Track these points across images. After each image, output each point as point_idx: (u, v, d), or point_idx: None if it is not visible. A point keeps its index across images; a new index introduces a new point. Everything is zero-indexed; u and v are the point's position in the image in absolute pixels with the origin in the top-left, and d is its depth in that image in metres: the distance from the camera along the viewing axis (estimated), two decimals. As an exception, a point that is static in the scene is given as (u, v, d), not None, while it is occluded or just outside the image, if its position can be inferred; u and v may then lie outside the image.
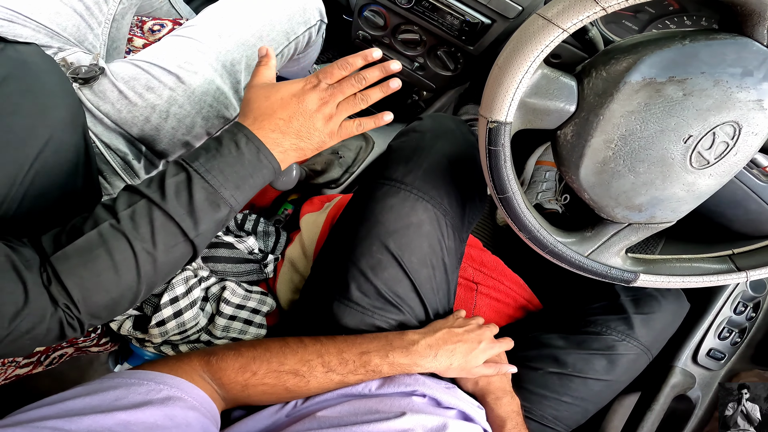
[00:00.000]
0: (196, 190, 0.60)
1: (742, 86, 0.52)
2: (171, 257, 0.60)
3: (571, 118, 0.57)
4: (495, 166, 0.59)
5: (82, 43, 0.87)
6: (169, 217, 0.58)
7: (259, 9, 0.91)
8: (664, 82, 0.52)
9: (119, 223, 0.56)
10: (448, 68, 1.08)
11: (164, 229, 0.58)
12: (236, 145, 0.63)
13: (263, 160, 0.65)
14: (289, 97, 0.67)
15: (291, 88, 0.68)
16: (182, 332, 0.81)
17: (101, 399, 0.49)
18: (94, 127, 0.80)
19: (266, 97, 0.67)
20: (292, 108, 0.67)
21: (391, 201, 0.76)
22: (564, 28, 0.49)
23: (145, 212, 0.57)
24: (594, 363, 0.86)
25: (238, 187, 0.63)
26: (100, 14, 0.90)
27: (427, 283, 0.78)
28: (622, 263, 0.70)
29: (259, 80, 0.71)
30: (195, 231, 0.60)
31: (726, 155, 0.56)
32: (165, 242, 0.58)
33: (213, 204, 0.61)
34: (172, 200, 0.58)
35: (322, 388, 0.68)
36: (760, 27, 0.50)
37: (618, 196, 0.61)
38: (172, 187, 0.59)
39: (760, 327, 1.04)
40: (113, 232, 0.56)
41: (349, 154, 1.23)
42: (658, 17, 0.90)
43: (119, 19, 0.95)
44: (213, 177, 0.61)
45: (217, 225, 0.64)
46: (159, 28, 1.11)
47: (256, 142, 0.64)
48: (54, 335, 0.54)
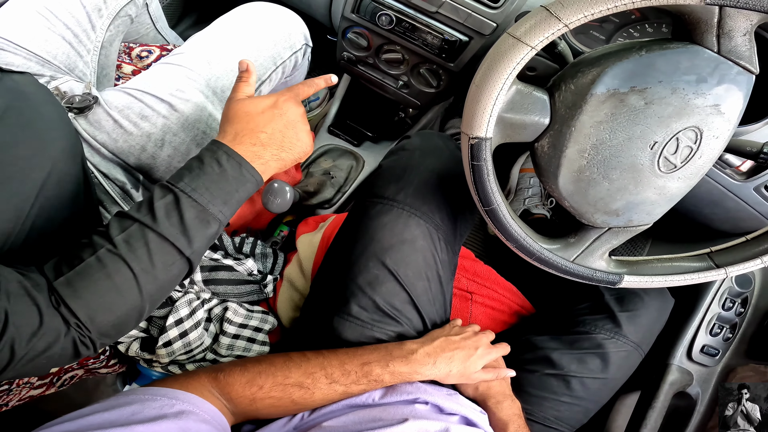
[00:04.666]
0: (185, 210, 0.63)
1: (698, 93, 0.57)
2: (170, 275, 0.64)
3: (546, 131, 0.62)
4: (479, 180, 0.63)
5: (72, 71, 0.91)
6: (163, 238, 0.61)
7: (245, 35, 0.97)
8: (626, 93, 0.57)
9: (116, 248, 0.59)
10: (431, 85, 1.12)
11: (160, 249, 0.61)
12: (218, 163, 0.66)
13: (246, 174, 0.68)
14: (269, 110, 0.72)
15: (268, 101, 0.73)
16: (188, 352, 0.85)
17: (119, 414, 0.53)
18: (92, 157, 0.83)
19: (247, 113, 0.71)
20: (274, 120, 0.71)
21: (385, 218, 0.81)
22: (532, 45, 0.53)
23: (140, 235, 0.61)
24: (588, 362, 0.90)
25: (226, 203, 0.67)
26: (89, 41, 0.94)
27: (424, 295, 0.83)
28: (607, 266, 0.74)
29: (239, 95, 0.74)
30: (190, 248, 0.64)
31: (691, 159, 0.61)
32: (163, 261, 0.62)
33: (203, 221, 0.64)
34: (164, 222, 0.62)
35: (327, 400, 0.72)
36: (709, 34, 0.54)
37: (596, 203, 0.65)
38: (162, 209, 0.62)
39: (751, 322, 1.07)
40: (111, 257, 0.59)
41: (340, 174, 1.28)
42: (622, 26, 0.95)
43: (107, 46, 0.99)
44: (200, 195, 0.64)
45: (209, 240, 0.67)
46: (147, 54, 1.15)
47: (236, 157, 0.67)
48: (69, 354, 0.59)
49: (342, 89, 1.42)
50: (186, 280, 0.85)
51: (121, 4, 0.97)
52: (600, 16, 0.51)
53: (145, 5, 1.09)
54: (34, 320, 0.54)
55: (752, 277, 1.08)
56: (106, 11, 0.95)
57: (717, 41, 0.54)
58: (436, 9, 0.96)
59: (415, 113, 1.32)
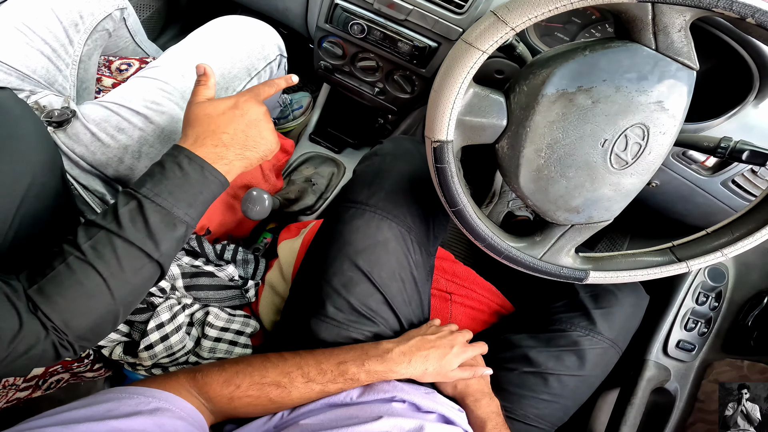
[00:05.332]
0: (149, 215, 0.64)
1: (641, 90, 0.59)
2: (141, 278, 0.65)
3: (504, 132, 0.64)
4: (444, 182, 0.66)
5: (52, 85, 0.93)
6: (130, 243, 0.63)
7: (219, 48, 0.99)
8: (574, 92, 0.60)
9: (84, 255, 0.61)
10: (406, 91, 1.15)
11: (128, 254, 0.63)
12: (179, 167, 0.67)
13: (208, 176, 0.69)
14: (230, 110, 0.73)
15: (229, 102, 0.74)
16: (171, 355, 0.87)
17: (95, 410, 0.55)
18: (71, 170, 0.85)
19: (207, 116, 0.72)
20: (235, 119, 0.73)
21: (358, 222, 0.83)
22: (483, 50, 0.56)
23: (107, 242, 0.62)
24: (564, 359, 0.91)
25: (191, 205, 0.68)
26: (67, 56, 0.96)
27: (399, 296, 0.85)
28: (573, 262, 0.76)
29: (197, 99, 0.75)
30: (158, 252, 0.65)
31: (641, 155, 0.63)
32: (132, 266, 0.63)
33: (169, 224, 0.66)
34: (130, 227, 0.63)
35: (305, 398, 0.74)
36: (646, 32, 0.56)
37: (556, 201, 0.67)
38: (127, 216, 0.64)
39: (726, 316, 1.09)
40: (80, 263, 0.61)
41: (321, 180, 1.31)
42: (584, 26, 0.98)
43: (86, 60, 1.01)
44: (163, 200, 0.65)
45: (178, 242, 0.68)
46: (126, 67, 1.17)
47: (198, 160, 0.69)
48: (50, 356, 0.61)
49: (322, 98, 1.45)
50: (167, 286, 0.88)
51: (98, 19, 0.99)
52: (543, 17, 0.53)
53: (123, 20, 1.11)
54: (14, 324, 0.57)
55: (725, 271, 1.10)
56: (83, 26, 0.97)
57: (654, 38, 0.56)
58: (405, 17, 0.99)
59: (394, 119, 1.35)
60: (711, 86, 0.90)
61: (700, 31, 0.84)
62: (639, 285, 1.00)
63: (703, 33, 0.84)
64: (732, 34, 0.82)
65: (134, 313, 0.86)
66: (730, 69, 0.86)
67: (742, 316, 1.06)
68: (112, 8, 1.03)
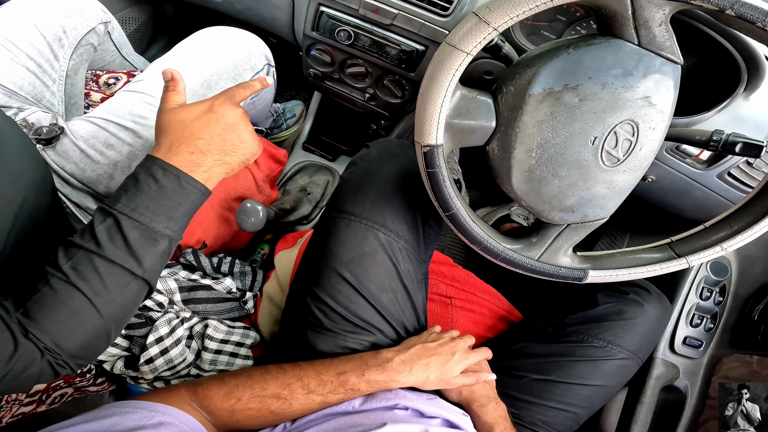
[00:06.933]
0: (128, 231, 0.63)
1: (627, 86, 0.59)
2: (128, 295, 0.65)
3: (494, 134, 0.65)
4: (436, 186, 0.66)
5: (40, 101, 0.94)
6: (111, 261, 0.62)
7: (205, 59, 0.99)
8: (561, 91, 0.60)
9: (66, 276, 0.61)
10: (397, 96, 1.16)
11: (110, 272, 0.62)
12: (154, 179, 0.65)
13: (186, 186, 0.67)
14: (204, 115, 0.70)
15: (202, 107, 0.71)
16: (172, 368, 0.88)
17: (99, 425, 0.56)
18: (62, 187, 0.86)
19: (180, 122, 0.70)
20: (211, 124, 0.70)
21: (344, 233, 0.82)
22: (467, 51, 0.56)
23: (87, 261, 0.61)
24: (577, 369, 0.91)
25: (171, 218, 0.66)
26: (53, 71, 0.97)
27: (391, 306, 0.84)
28: (571, 262, 0.76)
29: (168, 106, 0.73)
30: (141, 268, 0.64)
31: (632, 151, 0.63)
32: (116, 284, 0.63)
33: (150, 240, 0.64)
34: (109, 246, 0.62)
35: (306, 409, 0.74)
36: (627, 27, 0.56)
37: (550, 200, 0.68)
38: (104, 234, 0.62)
39: (732, 311, 1.10)
40: (62, 284, 0.60)
41: (317, 189, 1.31)
42: (570, 24, 0.98)
43: (72, 74, 1.02)
44: (140, 215, 0.64)
45: (162, 256, 0.67)
46: (114, 81, 1.18)
47: (173, 171, 0.66)
48: (48, 374, 0.62)
49: (314, 106, 1.46)
50: (165, 300, 0.88)
51: (81, 34, 1.01)
52: (524, 16, 0.54)
53: (107, 33, 1.12)
54: (10, 345, 0.57)
55: (728, 265, 1.10)
56: (66, 41, 0.98)
57: (636, 33, 0.57)
58: (391, 21, 1.00)
59: (387, 124, 1.35)
60: (700, 80, 0.91)
61: (685, 26, 0.85)
62: (663, 295, 0.99)
63: (687, 27, 0.85)
64: (716, 27, 0.83)
65: (133, 328, 0.87)
66: (718, 62, 0.87)
67: (747, 310, 1.06)
68: (96, 22, 1.04)
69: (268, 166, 1.12)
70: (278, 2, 1.15)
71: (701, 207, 1.02)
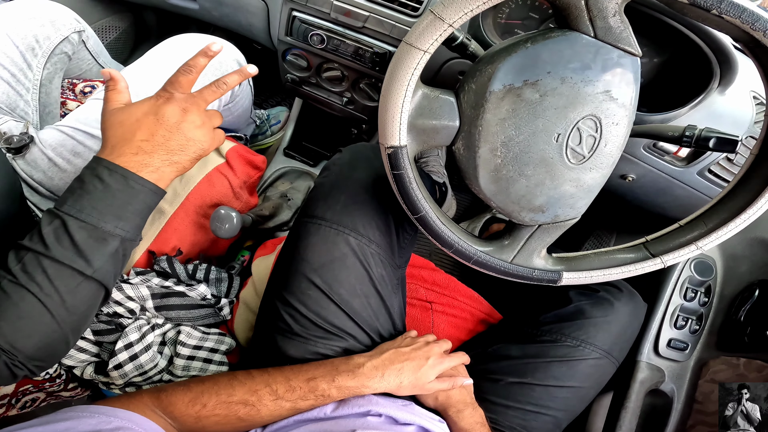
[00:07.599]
0: (74, 232, 0.63)
1: (586, 80, 0.58)
2: (80, 297, 0.65)
3: (458, 133, 0.63)
4: (402, 189, 0.65)
5: (14, 111, 0.94)
6: (59, 262, 0.62)
7: (174, 65, 0.96)
8: (521, 87, 0.59)
9: (15, 278, 0.61)
10: (374, 99, 1.16)
11: (59, 273, 0.62)
12: (99, 179, 0.65)
13: (134, 185, 0.67)
14: (144, 117, 0.69)
15: (143, 107, 0.70)
16: (143, 374, 0.88)
17: (53, 428, 0.55)
18: (31, 196, 0.86)
19: (120, 123, 0.69)
20: (151, 126, 0.69)
21: (314, 239, 0.82)
22: (424, 49, 0.56)
23: (35, 263, 0.62)
24: (552, 370, 0.90)
25: (120, 218, 0.66)
26: (26, 80, 0.97)
27: (363, 311, 0.84)
28: (545, 264, 0.75)
29: (111, 106, 0.72)
30: (91, 268, 0.64)
31: (597, 148, 0.62)
32: (66, 285, 0.63)
33: (99, 239, 0.65)
34: (56, 247, 0.62)
35: (275, 416, 0.73)
36: (582, 18, 0.55)
37: (519, 201, 0.66)
38: (51, 235, 0.63)
39: (717, 312, 1.08)
40: (12, 286, 0.61)
41: (297, 195, 1.31)
42: (543, 21, 0.97)
43: (47, 83, 1.02)
44: (87, 215, 0.64)
45: (114, 256, 0.67)
46: (90, 89, 1.18)
47: (120, 170, 0.66)
48: (5, 375, 0.62)
49: (296, 111, 1.46)
50: (136, 307, 0.88)
51: (54, 43, 1.01)
52: (479, 11, 0.53)
53: (82, 42, 1.12)
54: None
55: (713, 264, 1.09)
56: (39, 50, 0.98)
57: (591, 25, 0.56)
58: (362, 24, 1.00)
59: (368, 128, 1.35)
60: (675, 77, 0.90)
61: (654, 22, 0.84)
62: (636, 293, 0.99)
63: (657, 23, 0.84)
64: (683, 21, 0.82)
65: (103, 334, 0.87)
66: (690, 58, 0.86)
67: (734, 311, 1.05)
68: (69, 31, 1.04)
69: (246, 172, 1.12)
70: (253, 9, 1.16)
71: (683, 205, 1.02)
